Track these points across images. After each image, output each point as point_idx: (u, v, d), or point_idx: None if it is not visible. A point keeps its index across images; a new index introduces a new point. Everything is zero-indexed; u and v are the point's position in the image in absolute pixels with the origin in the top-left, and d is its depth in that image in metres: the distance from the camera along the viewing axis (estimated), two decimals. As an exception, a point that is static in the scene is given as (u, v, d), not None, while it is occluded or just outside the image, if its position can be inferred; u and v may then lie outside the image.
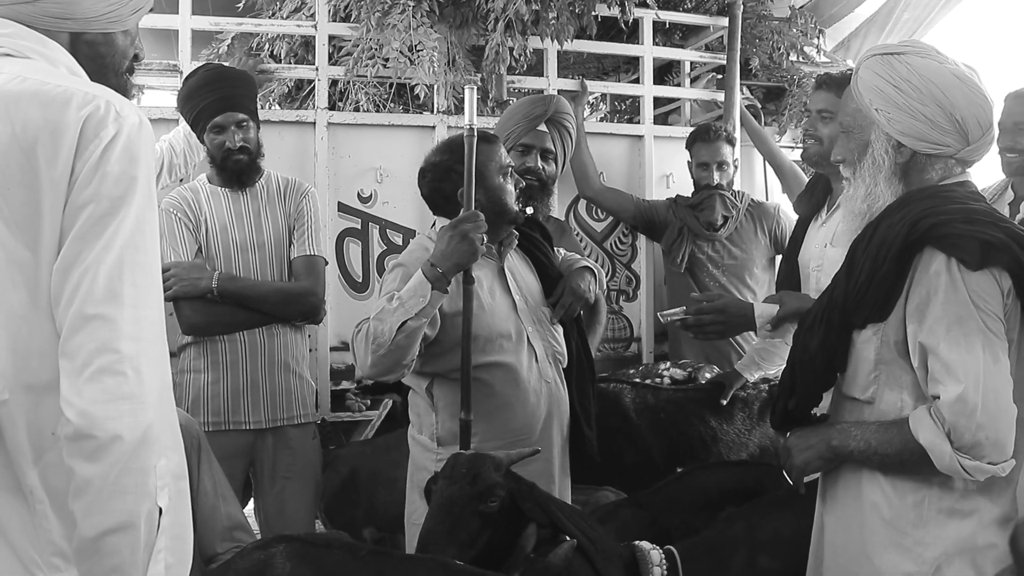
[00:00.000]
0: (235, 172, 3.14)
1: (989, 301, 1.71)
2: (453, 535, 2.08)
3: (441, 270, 2.37)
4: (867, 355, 1.88)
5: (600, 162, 4.17)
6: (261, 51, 4.23)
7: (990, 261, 1.71)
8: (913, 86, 1.83)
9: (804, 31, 4.71)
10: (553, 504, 2.17)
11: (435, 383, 2.63)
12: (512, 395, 2.60)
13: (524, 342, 2.65)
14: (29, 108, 1.28)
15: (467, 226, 2.41)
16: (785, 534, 2.26)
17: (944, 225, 1.75)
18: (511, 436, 2.58)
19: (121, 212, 1.30)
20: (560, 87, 4.23)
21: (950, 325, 1.71)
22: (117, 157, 1.30)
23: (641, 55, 4.46)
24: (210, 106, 3.08)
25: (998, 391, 1.69)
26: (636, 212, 4.11)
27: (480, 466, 2.14)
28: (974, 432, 1.67)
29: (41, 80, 1.31)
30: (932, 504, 1.83)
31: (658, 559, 2.13)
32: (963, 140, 1.83)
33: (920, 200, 1.84)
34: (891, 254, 1.80)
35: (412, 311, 2.32)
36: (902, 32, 4.83)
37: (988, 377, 1.68)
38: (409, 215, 3.92)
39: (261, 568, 1.92)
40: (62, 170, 1.28)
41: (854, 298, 1.87)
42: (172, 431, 1.35)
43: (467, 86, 2.55)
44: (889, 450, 1.81)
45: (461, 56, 3.90)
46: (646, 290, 4.36)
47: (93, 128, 1.29)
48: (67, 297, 1.27)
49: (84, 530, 1.24)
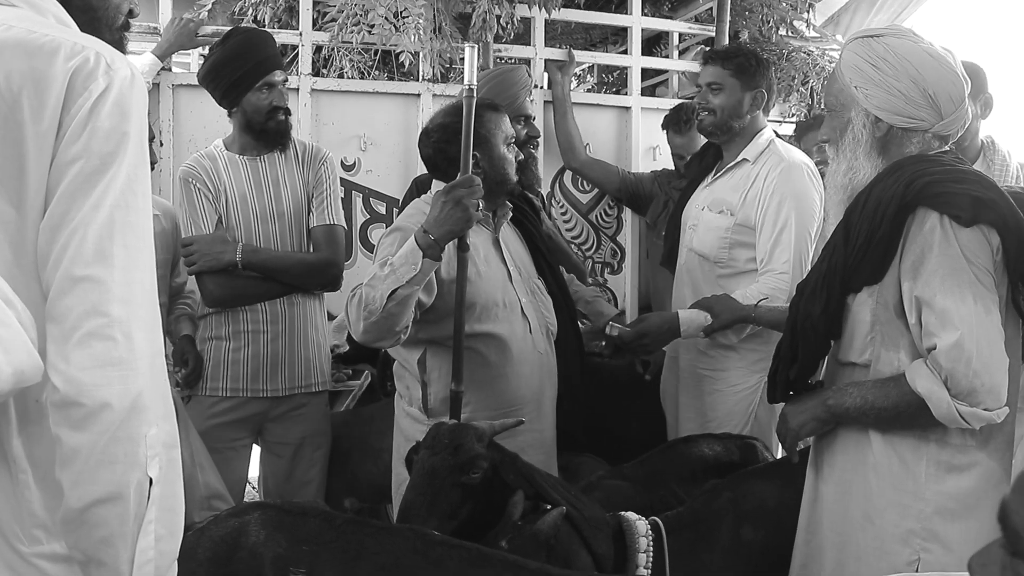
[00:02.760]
0: (278, 133, 3.07)
1: (980, 255, 1.80)
2: (434, 507, 2.06)
3: (434, 237, 2.30)
4: (863, 317, 1.95)
5: (587, 133, 4.13)
6: (244, 15, 4.15)
7: (981, 217, 1.80)
8: (889, 64, 1.94)
9: (794, 5, 4.69)
10: (537, 475, 2.15)
11: (428, 353, 2.60)
12: (506, 365, 2.59)
13: (518, 312, 2.64)
14: (13, 58, 1.22)
15: (461, 191, 2.34)
16: (769, 505, 2.27)
17: (937, 184, 1.84)
18: (505, 407, 2.57)
19: (111, 169, 1.24)
20: (547, 56, 4.19)
21: (944, 277, 1.78)
22: (108, 112, 1.24)
23: (629, 25, 4.43)
24: (263, 63, 3.00)
25: (991, 340, 1.76)
26: (621, 184, 4.12)
27: (462, 437, 2.12)
28: (971, 379, 1.74)
29: (28, 29, 1.25)
30: (930, 460, 1.89)
31: (644, 529, 2.12)
32: (937, 114, 1.94)
33: (912, 164, 1.92)
34: (888, 214, 1.87)
35: (403, 279, 2.26)
36: (891, 9, 4.82)
37: (981, 326, 1.75)
38: (393, 184, 3.88)
39: (235, 535, 1.89)
40: (48, 124, 1.22)
41: (853, 262, 1.93)
42: (164, 399, 1.30)
43: (468, 44, 2.48)
44: (886, 403, 1.87)
45: (448, 23, 3.84)
46: (631, 263, 4.35)
47: (82, 81, 1.23)
48: (55, 258, 1.22)
49: (71, 501, 1.20)
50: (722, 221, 3.02)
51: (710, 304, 2.82)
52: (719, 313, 2.78)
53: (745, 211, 2.97)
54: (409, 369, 2.66)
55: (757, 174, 3.00)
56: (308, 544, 1.88)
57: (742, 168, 3.07)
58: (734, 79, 3.07)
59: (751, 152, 3.07)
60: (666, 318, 2.86)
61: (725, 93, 3.08)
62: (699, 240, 3.09)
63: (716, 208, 3.06)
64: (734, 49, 3.23)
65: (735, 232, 2.99)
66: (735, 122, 3.08)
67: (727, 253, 3.01)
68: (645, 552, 2.09)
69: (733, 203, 3.01)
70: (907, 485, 1.90)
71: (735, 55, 3.13)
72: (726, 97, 3.07)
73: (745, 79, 3.07)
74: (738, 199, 3.00)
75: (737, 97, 3.07)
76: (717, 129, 3.12)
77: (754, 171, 3.02)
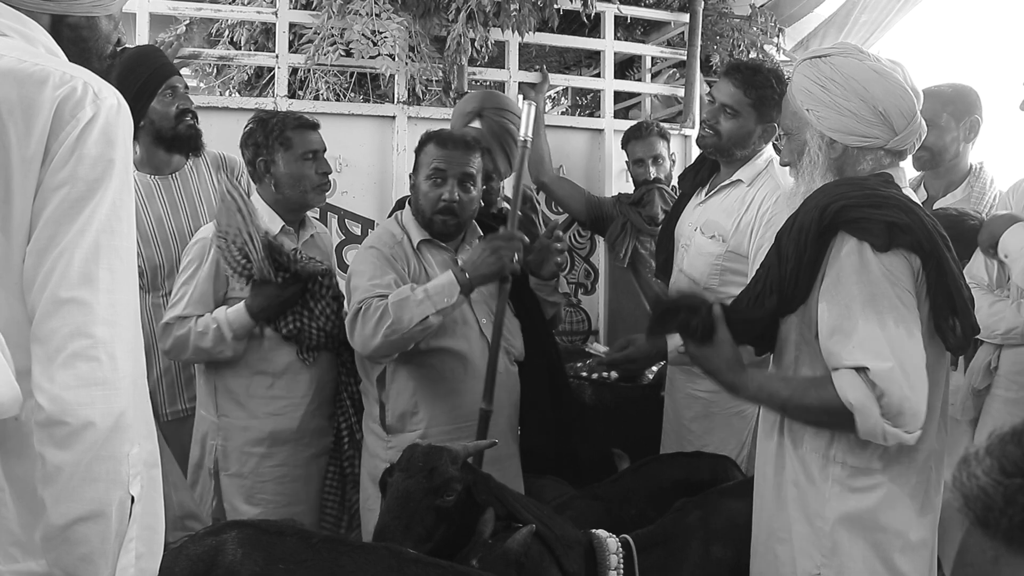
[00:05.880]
0: (188, 137, 3.02)
1: (902, 277, 1.80)
2: (410, 530, 2.07)
3: (469, 276, 2.50)
4: (790, 337, 1.97)
5: (560, 155, 4.18)
6: (220, 37, 4.18)
7: (896, 242, 1.80)
8: (837, 84, 1.94)
9: (764, 29, 4.77)
10: (509, 495, 2.18)
11: (388, 370, 2.64)
12: (460, 381, 2.64)
13: (476, 330, 2.68)
14: (3, 86, 1.25)
15: (499, 243, 2.55)
16: (739, 523, 2.28)
17: (852, 209, 1.84)
18: (459, 421, 2.62)
19: (97, 195, 1.27)
20: (521, 79, 4.25)
21: (864, 303, 1.78)
22: (95, 139, 1.27)
23: (602, 49, 4.50)
24: (160, 70, 2.98)
25: (916, 365, 1.77)
26: (587, 205, 4.07)
27: (436, 459, 2.13)
28: (901, 401, 1.75)
29: (18, 58, 1.28)
30: (835, 480, 1.91)
31: (615, 547, 2.14)
32: (890, 131, 1.93)
33: (833, 188, 1.92)
34: (810, 239, 1.88)
35: (437, 307, 2.44)
36: (860, 33, 4.89)
37: (905, 351, 1.76)
38: (368, 205, 3.91)
39: (213, 553, 1.90)
40: (35, 149, 1.24)
41: (789, 286, 1.93)
42: (145, 418, 1.32)
43: (527, 101, 2.63)
44: (807, 402, 1.87)
45: (423, 46, 3.89)
46: (604, 283, 4.39)
47: (70, 109, 1.26)
48: (40, 281, 1.24)
49: (53, 518, 1.22)
50: (714, 247, 2.89)
51: None
52: None
53: (738, 238, 2.84)
54: (371, 384, 2.70)
55: (752, 199, 2.86)
56: (285, 563, 1.89)
57: (737, 189, 2.91)
58: (752, 109, 2.85)
59: (747, 173, 2.90)
60: (654, 341, 2.78)
61: (738, 121, 2.86)
62: (689, 263, 2.99)
63: (708, 232, 2.93)
64: (763, 77, 2.87)
65: (727, 259, 2.86)
66: (738, 151, 2.90)
67: (718, 279, 2.89)
68: (616, 570, 2.12)
69: (726, 228, 2.88)
70: (813, 502, 1.93)
71: (762, 85, 2.84)
72: (738, 126, 2.86)
73: (763, 111, 2.85)
74: (731, 225, 2.87)
75: (749, 128, 2.87)
76: (717, 152, 2.95)
77: (749, 195, 2.87)
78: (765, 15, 4.77)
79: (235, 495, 2.80)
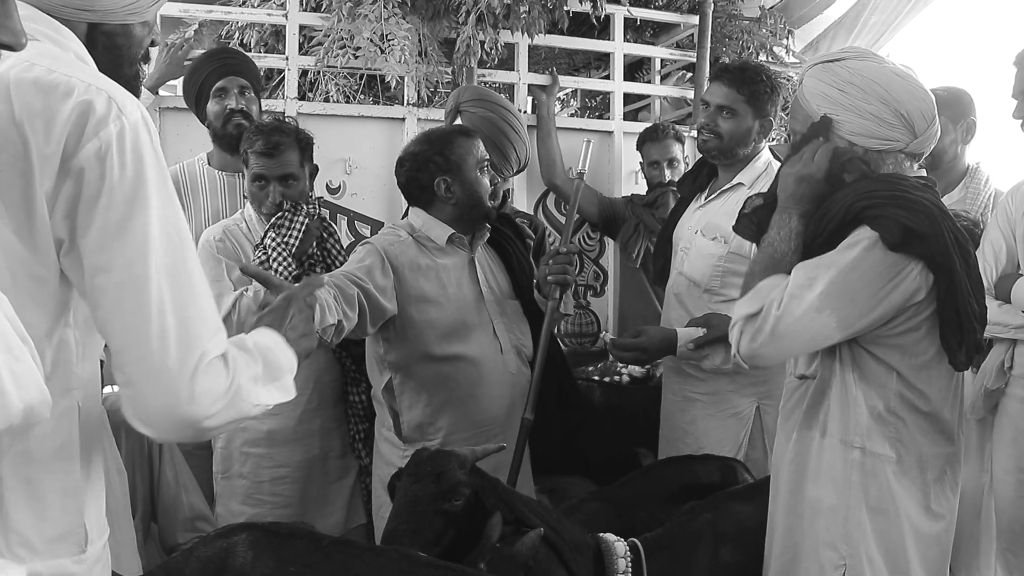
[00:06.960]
0: (236, 138, 3.01)
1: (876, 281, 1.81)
2: (417, 534, 2.07)
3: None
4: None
5: (571, 157, 4.17)
6: (230, 39, 4.19)
7: (908, 248, 1.80)
8: (857, 87, 1.93)
9: (773, 31, 4.76)
10: (517, 499, 2.18)
11: (394, 381, 2.64)
12: (476, 386, 2.63)
13: (489, 333, 2.68)
14: (29, 94, 1.24)
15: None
16: (747, 526, 2.28)
17: (877, 207, 1.84)
18: (476, 427, 2.61)
19: (139, 215, 1.25)
20: (531, 81, 4.25)
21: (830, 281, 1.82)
22: (122, 158, 1.25)
23: (612, 51, 4.49)
24: (214, 72, 3.06)
25: (798, 327, 1.84)
26: (599, 207, 4.09)
27: (444, 464, 2.13)
28: (755, 337, 1.87)
29: (48, 67, 1.26)
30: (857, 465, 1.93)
31: (623, 551, 2.14)
32: (910, 133, 1.93)
33: (866, 184, 1.92)
34: (829, 228, 1.89)
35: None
36: (870, 35, 4.89)
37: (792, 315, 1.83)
38: (378, 207, 3.91)
39: (223, 556, 1.90)
40: (53, 149, 1.22)
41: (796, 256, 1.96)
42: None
43: (585, 140, 2.72)
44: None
45: (433, 48, 3.90)
46: (613, 285, 4.39)
47: (92, 126, 1.24)
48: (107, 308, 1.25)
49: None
50: (715, 248, 2.92)
51: (707, 319, 2.76)
52: (715, 326, 2.69)
53: (739, 240, 2.78)
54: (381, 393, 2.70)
55: None
56: (295, 565, 1.89)
57: (737, 192, 2.92)
58: (747, 105, 2.91)
59: (747, 176, 2.96)
60: (665, 335, 2.79)
61: (736, 120, 2.91)
62: (690, 265, 3.00)
63: (710, 234, 2.95)
64: (752, 72, 2.97)
65: (728, 260, 2.89)
66: (740, 150, 2.95)
67: (719, 281, 2.91)
68: (624, 573, 2.11)
69: (727, 230, 2.81)
70: (837, 493, 1.94)
71: (752, 81, 2.92)
72: (736, 125, 2.92)
73: (758, 106, 2.92)
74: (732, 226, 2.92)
75: (748, 125, 2.92)
76: (721, 154, 2.98)
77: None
78: (774, 17, 4.76)
79: (232, 497, 2.81)
